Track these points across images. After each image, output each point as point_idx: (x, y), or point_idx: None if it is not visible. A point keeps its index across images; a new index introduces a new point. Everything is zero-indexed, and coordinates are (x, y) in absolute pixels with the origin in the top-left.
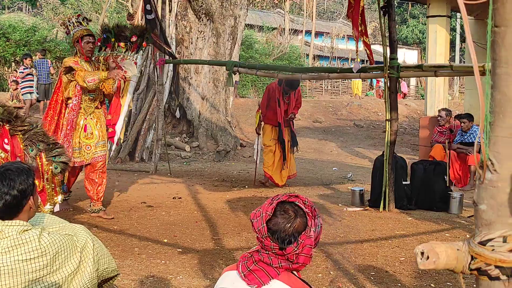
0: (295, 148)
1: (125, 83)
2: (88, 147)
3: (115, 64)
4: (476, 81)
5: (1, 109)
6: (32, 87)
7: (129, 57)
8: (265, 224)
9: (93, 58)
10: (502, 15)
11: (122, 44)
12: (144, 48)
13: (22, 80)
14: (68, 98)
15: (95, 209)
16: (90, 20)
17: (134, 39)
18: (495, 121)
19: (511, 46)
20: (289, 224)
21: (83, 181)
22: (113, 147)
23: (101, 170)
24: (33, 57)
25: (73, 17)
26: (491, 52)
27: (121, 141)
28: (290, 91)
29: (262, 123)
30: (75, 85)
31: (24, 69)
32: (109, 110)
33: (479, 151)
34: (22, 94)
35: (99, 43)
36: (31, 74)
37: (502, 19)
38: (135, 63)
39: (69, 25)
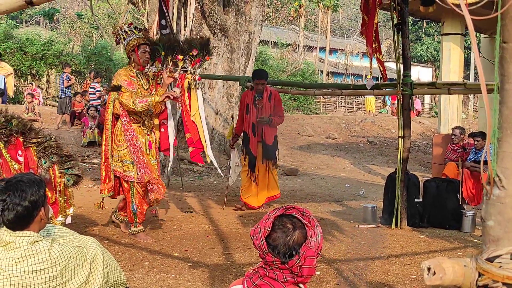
0: (271, 163)
1: (190, 99)
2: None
3: (172, 79)
4: (483, 96)
5: (16, 121)
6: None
7: (189, 72)
8: (264, 240)
9: (146, 70)
10: (511, 31)
11: (180, 57)
12: (206, 61)
13: (94, 98)
14: (118, 115)
15: (138, 230)
16: (141, 30)
17: (195, 52)
18: (503, 137)
19: None
20: (289, 238)
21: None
22: (219, 170)
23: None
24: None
25: (125, 25)
26: (499, 68)
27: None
28: (259, 82)
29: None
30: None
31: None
32: (185, 129)
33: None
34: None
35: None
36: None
37: (510, 35)
38: (199, 78)
39: (121, 33)
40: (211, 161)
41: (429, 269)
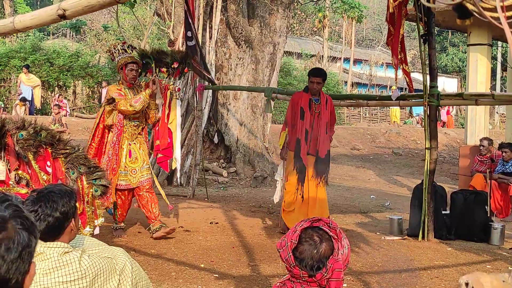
0: (323, 178)
1: (169, 108)
2: (134, 171)
3: (158, 88)
4: None
5: (45, 133)
6: None
7: (171, 82)
8: (291, 253)
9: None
10: None
11: (164, 69)
12: (186, 73)
13: None
14: (111, 126)
15: (156, 228)
16: (135, 48)
17: (175, 65)
18: None
19: None
20: (316, 250)
21: (138, 206)
22: (178, 174)
23: (149, 191)
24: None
25: (118, 44)
26: None
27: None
28: (315, 80)
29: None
30: (117, 114)
31: None
32: (156, 136)
33: None
34: None
35: (139, 69)
36: None
37: None
38: (179, 89)
39: (114, 52)
40: (235, 171)
41: (467, 284)
